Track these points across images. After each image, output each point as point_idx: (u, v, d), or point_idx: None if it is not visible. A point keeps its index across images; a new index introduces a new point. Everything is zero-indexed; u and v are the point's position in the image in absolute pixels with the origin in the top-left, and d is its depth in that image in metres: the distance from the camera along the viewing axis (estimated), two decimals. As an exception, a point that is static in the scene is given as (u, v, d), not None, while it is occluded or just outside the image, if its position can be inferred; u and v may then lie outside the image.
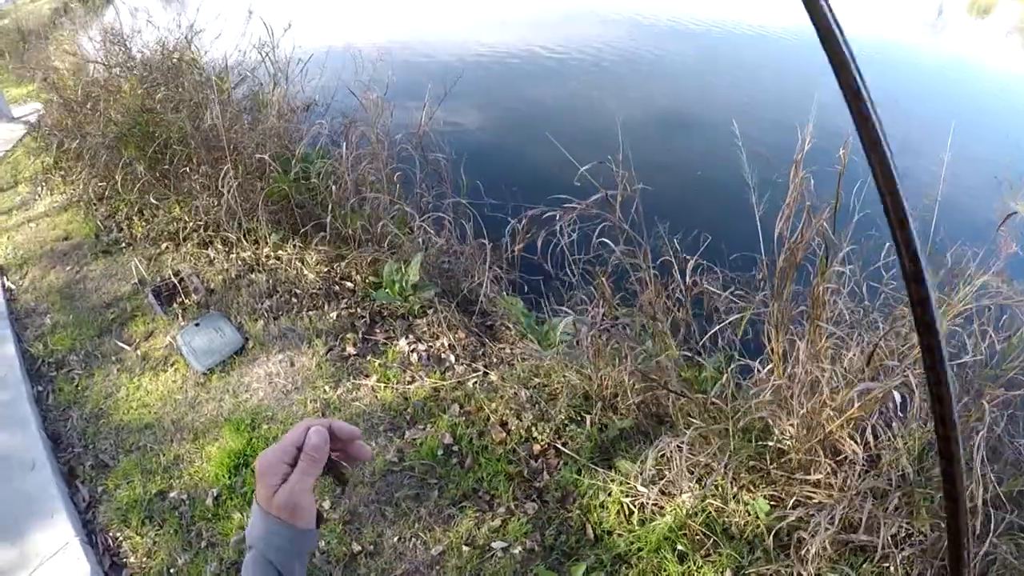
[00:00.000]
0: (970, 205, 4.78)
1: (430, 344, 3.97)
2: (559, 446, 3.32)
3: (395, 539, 2.99)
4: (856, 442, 2.78)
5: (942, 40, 18.09)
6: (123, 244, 5.04)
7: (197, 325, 4.08)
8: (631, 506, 3.00)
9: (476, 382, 3.70)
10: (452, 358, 3.86)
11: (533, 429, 3.39)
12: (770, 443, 3.00)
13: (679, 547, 2.85)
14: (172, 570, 2.93)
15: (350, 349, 3.94)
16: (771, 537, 2.80)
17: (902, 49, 15.00)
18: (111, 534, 3.10)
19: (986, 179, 4.58)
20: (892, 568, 2.60)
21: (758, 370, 3.09)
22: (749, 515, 2.94)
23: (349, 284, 4.41)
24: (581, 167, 3.30)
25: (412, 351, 3.89)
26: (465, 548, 2.93)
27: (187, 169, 4.62)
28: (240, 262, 4.60)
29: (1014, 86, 13.23)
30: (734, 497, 2.98)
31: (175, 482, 3.31)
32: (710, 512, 2.95)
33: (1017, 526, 2.64)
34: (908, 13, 20.76)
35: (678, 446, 2.99)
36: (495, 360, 3.88)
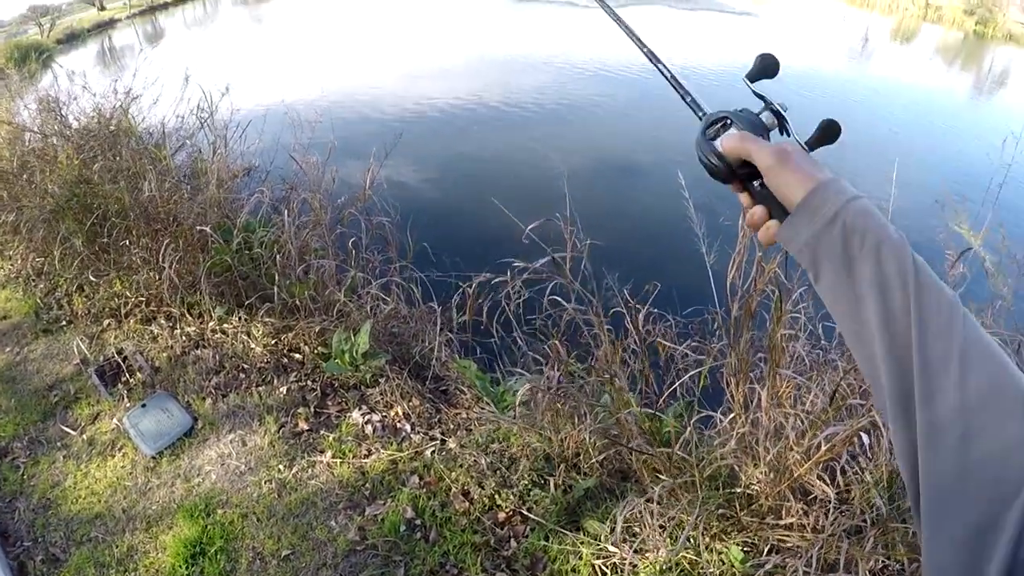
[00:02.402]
0: (912, 228, 4.84)
1: (384, 414, 3.88)
2: (524, 512, 3.25)
3: (362, 624, 2.89)
4: (826, 483, 2.76)
5: (869, 67, 18.60)
6: (64, 322, 4.88)
7: (144, 406, 3.95)
8: (603, 567, 2.94)
9: (434, 451, 3.62)
10: (408, 427, 3.78)
11: (496, 496, 3.32)
12: (738, 489, 2.97)
13: (656, 606, 2.79)
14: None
15: (302, 424, 3.84)
16: (749, 586, 2.76)
17: (831, 78, 15.40)
18: (69, 635, 2.93)
19: (925, 201, 4.63)
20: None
21: (720, 419, 3.06)
22: (724, 564, 2.89)
23: (298, 356, 4.31)
24: (527, 225, 3.26)
25: (366, 422, 3.80)
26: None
27: (127, 242, 4.49)
28: (185, 337, 4.47)
29: (941, 107, 13.62)
30: (707, 547, 2.94)
31: (130, 575, 3.16)
32: (684, 566, 2.90)
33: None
34: (834, 43, 21.34)
35: (647, 502, 2.94)
36: (452, 426, 3.81)
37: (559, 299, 3.32)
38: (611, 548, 2.96)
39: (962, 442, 0.62)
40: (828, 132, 0.89)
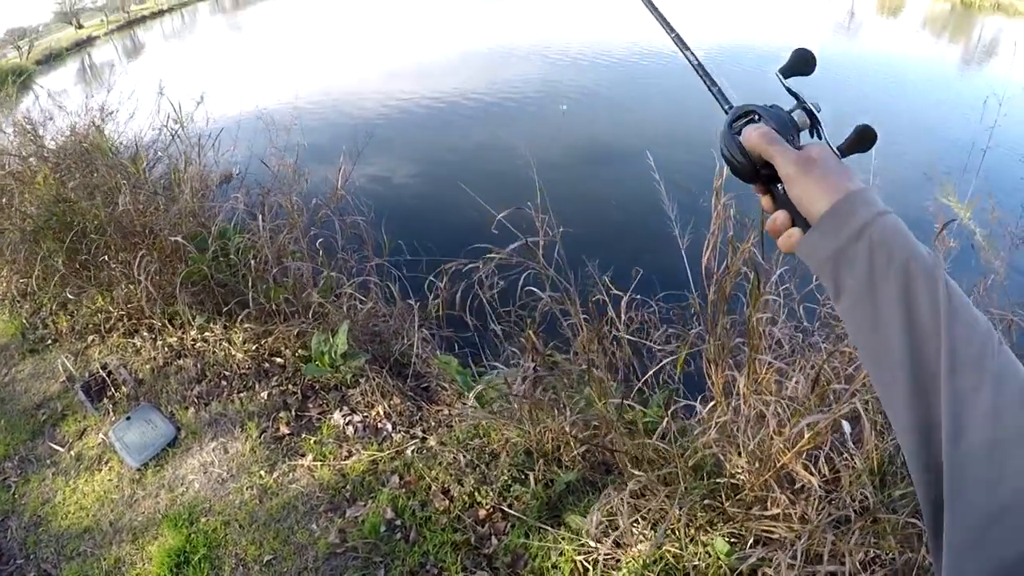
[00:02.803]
0: (903, 201, 4.78)
1: (365, 414, 3.84)
2: (505, 508, 3.19)
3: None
4: (811, 472, 2.68)
5: (858, 41, 18.44)
6: (50, 341, 4.89)
7: (128, 419, 3.94)
8: (585, 563, 2.88)
9: (414, 449, 3.57)
10: (389, 426, 3.74)
11: (476, 493, 3.27)
12: (722, 480, 2.90)
13: (641, 601, 2.72)
14: None
15: (284, 429, 3.81)
16: (735, 578, 2.68)
17: (824, 52, 15.26)
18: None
19: (916, 173, 4.56)
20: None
21: (698, 409, 2.99)
22: (709, 556, 2.82)
23: (279, 360, 4.29)
24: (499, 215, 3.21)
25: (347, 423, 3.77)
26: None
27: (106, 257, 4.48)
28: (167, 348, 4.46)
29: (930, 78, 13.45)
30: (691, 540, 2.87)
31: (118, 587, 3.16)
32: (668, 559, 2.83)
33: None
34: (820, 17, 21.10)
35: (623, 498, 2.88)
36: (433, 423, 3.76)
37: (535, 290, 3.27)
38: (592, 544, 2.90)
39: (995, 479, 0.58)
40: (863, 138, 0.84)
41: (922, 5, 24.41)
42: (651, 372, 3.05)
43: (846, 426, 2.52)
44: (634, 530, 2.89)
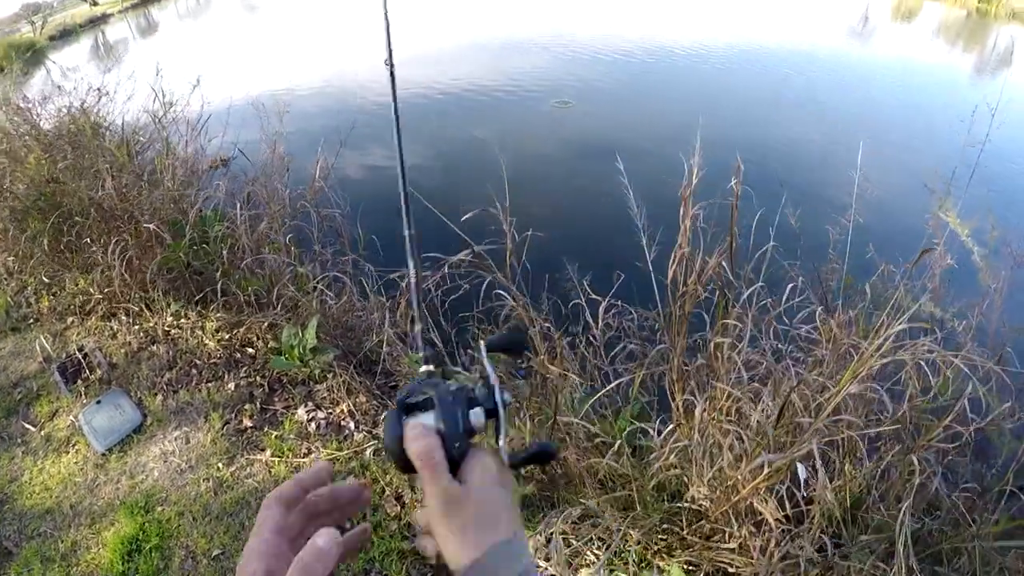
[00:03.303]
0: (903, 214, 4.66)
1: (330, 411, 3.79)
2: (456, 518, 3.10)
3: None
4: (770, 507, 2.55)
5: (870, 46, 18.10)
6: (31, 320, 4.91)
7: (98, 403, 3.93)
8: (534, 584, 2.78)
9: (374, 450, 3.51)
10: (352, 425, 3.67)
11: (429, 500, 3.18)
12: (684, 504, 2.77)
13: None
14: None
15: (247, 422, 3.77)
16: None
17: (833, 57, 15.05)
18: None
19: (918, 183, 4.40)
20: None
21: (659, 431, 2.85)
22: (664, 585, 2.73)
23: (250, 351, 4.25)
24: (464, 218, 3.13)
25: (311, 420, 3.71)
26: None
27: (88, 240, 4.47)
28: (143, 334, 4.45)
29: (940, 86, 13.14)
30: (647, 565, 2.77)
31: (72, 570, 3.16)
32: (620, 585, 2.74)
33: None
34: (834, 21, 20.72)
35: (582, 516, 2.79)
36: (398, 424, 3.68)
37: (503, 293, 3.18)
38: (542, 563, 2.80)
39: None
40: (540, 456, 0.79)
41: (936, 12, 23.93)
42: (610, 387, 2.95)
43: (802, 471, 2.36)
44: (588, 551, 2.79)
